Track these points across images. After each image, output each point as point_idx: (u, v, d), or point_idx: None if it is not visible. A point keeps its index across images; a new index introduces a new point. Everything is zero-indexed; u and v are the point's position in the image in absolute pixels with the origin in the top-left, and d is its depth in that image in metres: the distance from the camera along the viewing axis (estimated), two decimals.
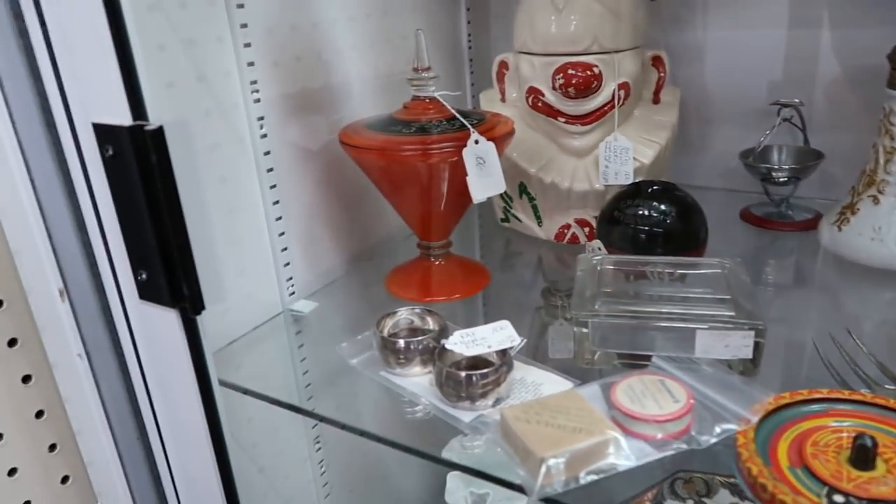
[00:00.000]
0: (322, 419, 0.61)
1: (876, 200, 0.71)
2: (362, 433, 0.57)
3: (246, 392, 0.63)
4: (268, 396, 0.62)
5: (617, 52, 0.76)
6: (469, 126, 0.64)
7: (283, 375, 0.68)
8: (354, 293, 0.81)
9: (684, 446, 0.48)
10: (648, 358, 0.57)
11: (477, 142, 0.63)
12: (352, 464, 0.92)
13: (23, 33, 0.46)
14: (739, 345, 0.55)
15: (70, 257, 0.51)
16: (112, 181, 0.48)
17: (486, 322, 0.71)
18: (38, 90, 0.47)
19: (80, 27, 0.44)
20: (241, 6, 0.64)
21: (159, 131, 0.44)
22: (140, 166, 0.45)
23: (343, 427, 0.58)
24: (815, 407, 0.51)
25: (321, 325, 0.74)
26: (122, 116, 0.45)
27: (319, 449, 0.85)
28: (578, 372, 0.58)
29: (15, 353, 0.55)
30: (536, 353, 0.61)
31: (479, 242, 0.92)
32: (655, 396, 0.50)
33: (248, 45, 0.65)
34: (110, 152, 0.47)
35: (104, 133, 0.46)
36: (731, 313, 0.56)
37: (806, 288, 0.76)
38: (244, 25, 0.64)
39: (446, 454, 0.53)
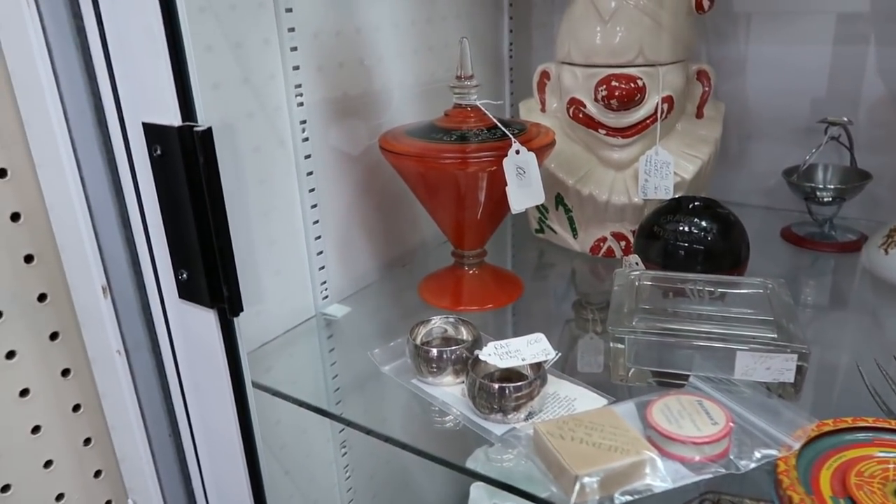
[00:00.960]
0: (348, 423, 0.61)
1: None
2: (387, 439, 0.57)
3: (276, 394, 0.63)
4: (296, 399, 0.62)
5: (662, 65, 0.75)
6: (510, 136, 0.64)
7: (313, 379, 0.68)
8: (387, 299, 0.81)
9: (722, 470, 0.47)
10: (684, 377, 0.56)
11: (518, 152, 0.63)
12: (377, 470, 0.91)
13: (80, 32, 0.46)
14: (781, 368, 0.54)
15: (113, 255, 0.52)
16: (158, 180, 0.48)
17: (515, 332, 0.71)
18: (93, 89, 0.48)
19: (136, 28, 0.45)
20: (289, 10, 0.64)
21: (208, 133, 0.45)
22: (187, 166, 0.46)
23: (368, 432, 0.58)
24: (860, 436, 0.49)
25: (353, 330, 0.74)
26: (171, 117, 0.46)
27: (345, 454, 0.85)
28: (611, 388, 0.57)
29: (56, 346, 0.56)
30: (565, 366, 0.61)
31: (513, 252, 0.91)
32: (693, 417, 0.49)
33: (294, 48, 0.65)
34: (158, 152, 0.47)
35: (153, 132, 0.47)
36: (774, 335, 0.55)
37: (848, 311, 0.74)
38: (291, 29, 0.65)
39: (471, 464, 0.53)
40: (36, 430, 0.56)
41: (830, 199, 0.81)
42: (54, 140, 0.48)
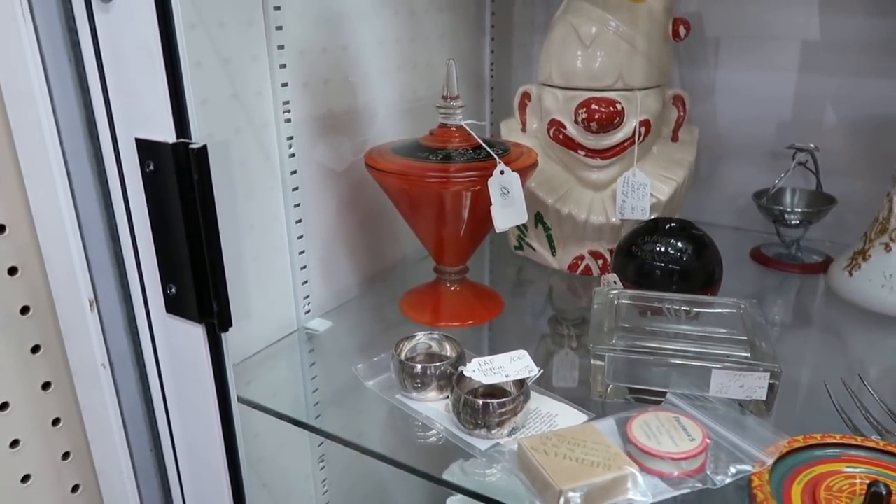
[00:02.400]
0: (326, 435, 0.61)
1: (888, 248, 0.72)
2: (364, 451, 0.58)
3: (257, 407, 0.63)
4: (277, 412, 0.63)
5: (639, 89, 0.77)
6: (495, 156, 0.65)
7: (293, 393, 0.69)
8: (369, 314, 0.81)
9: (700, 485, 0.49)
10: (661, 394, 0.57)
11: (503, 172, 0.64)
12: (354, 484, 0.92)
13: (75, 46, 0.46)
14: (754, 386, 0.56)
15: (101, 268, 0.52)
16: (150, 195, 0.48)
17: (494, 348, 0.72)
18: (85, 102, 0.48)
19: (132, 44, 0.45)
20: (279, 28, 0.65)
21: (203, 150, 0.45)
22: (180, 183, 0.46)
23: (345, 443, 0.59)
24: (828, 451, 0.52)
25: (335, 345, 0.75)
26: (166, 133, 0.46)
27: (324, 467, 0.85)
28: (589, 403, 0.59)
29: (38, 359, 0.55)
30: (541, 380, 0.62)
31: (492, 268, 0.93)
32: (671, 433, 0.51)
33: (283, 66, 0.66)
34: (151, 167, 0.47)
35: (146, 148, 0.47)
36: (747, 354, 0.57)
37: (815, 331, 0.77)
38: (281, 47, 0.65)
39: (447, 477, 0.54)
40: (14, 444, 0.55)
41: (798, 221, 0.84)
42: (45, 152, 0.48)
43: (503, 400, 0.54)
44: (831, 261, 0.81)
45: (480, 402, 0.54)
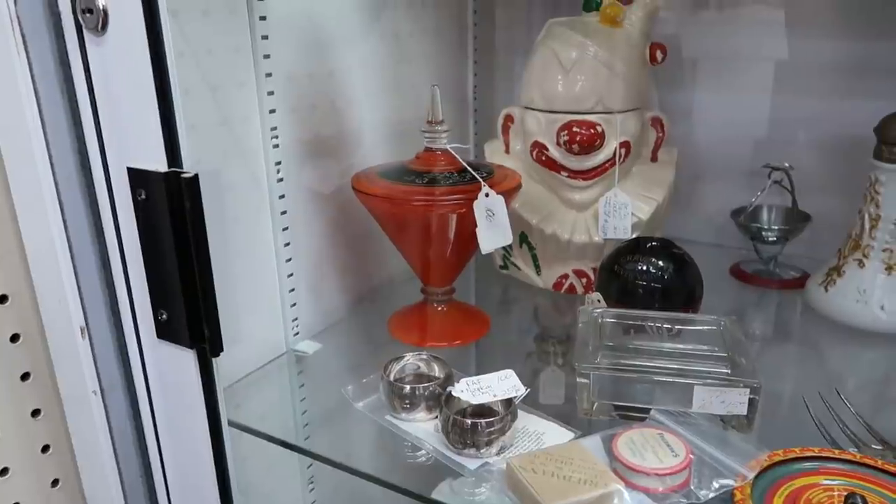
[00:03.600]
0: (315, 457, 0.62)
1: (861, 264, 0.74)
2: (353, 471, 0.58)
3: (247, 430, 0.64)
4: (267, 434, 0.63)
5: (619, 112, 0.79)
6: (480, 179, 0.67)
7: (283, 415, 0.69)
8: (357, 335, 0.82)
9: (684, 500, 0.50)
10: (645, 411, 0.59)
11: (487, 195, 0.66)
12: None
13: (68, 80, 0.47)
14: (735, 401, 0.57)
15: (91, 296, 0.53)
16: (141, 224, 0.49)
17: (479, 365, 0.73)
18: (77, 134, 0.49)
19: (124, 77, 0.46)
20: (267, 56, 0.66)
21: (195, 179, 0.46)
22: (172, 211, 0.47)
23: (334, 465, 0.60)
24: (807, 465, 0.53)
25: (323, 367, 0.75)
26: (157, 163, 0.47)
27: (313, 489, 0.85)
28: (575, 420, 0.60)
29: (27, 386, 0.56)
30: (527, 398, 0.63)
31: (478, 288, 0.94)
32: (655, 450, 0.52)
33: (271, 93, 0.67)
34: (143, 196, 0.48)
35: (138, 177, 0.48)
36: (728, 371, 0.58)
37: (793, 345, 0.79)
38: (269, 74, 0.67)
39: (436, 496, 0.55)
40: (3, 472, 0.55)
41: (775, 239, 0.86)
42: (38, 183, 0.48)
43: (491, 419, 0.55)
44: (808, 276, 0.84)
45: (469, 421, 0.55)
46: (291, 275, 0.74)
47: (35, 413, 0.57)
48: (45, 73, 0.47)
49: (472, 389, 0.58)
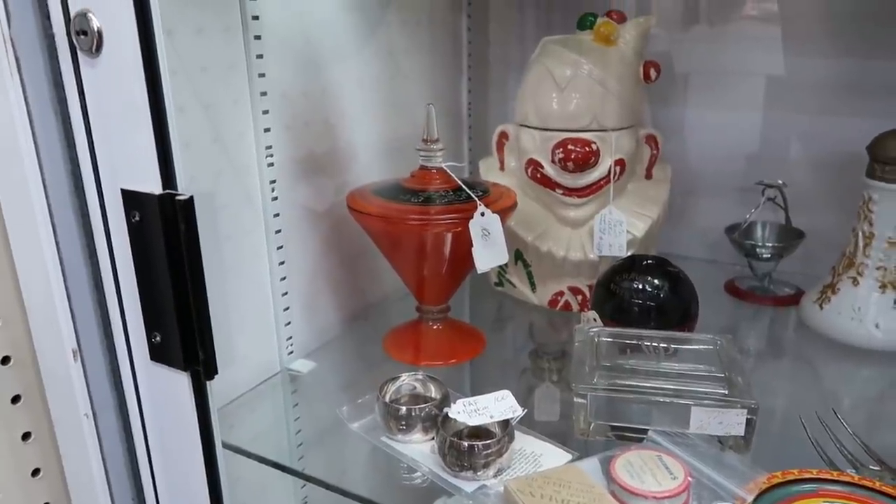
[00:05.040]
0: (309, 479, 0.61)
1: (855, 282, 0.74)
2: (347, 494, 0.58)
3: (240, 452, 0.63)
4: (259, 456, 0.63)
5: (613, 129, 0.80)
6: (476, 198, 0.67)
7: (276, 436, 0.69)
8: (352, 353, 0.82)
9: None
10: (643, 431, 0.58)
11: (483, 214, 0.66)
12: None
13: (62, 102, 0.47)
14: (733, 422, 0.57)
15: (84, 318, 0.52)
16: (135, 246, 0.49)
17: (474, 383, 0.73)
18: (71, 156, 0.48)
19: (118, 98, 0.46)
20: (262, 75, 0.66)
21: (190, 201, 0.46)
22: (166, 233, 0.47)
23: (328, 487, 0.59)
24: (805, 487, 0.53)
25: (318, 386, 0.75)
26: (152, 184, 0.46)
27: None
28: (571, 440, 0.60)
29: (18, 409, 0.55)
30: (524, 417, 0.63)
31: (473, 304, 0.93)
32: (654, 472, 0.52)
33: (266, 111, 0.67)
34: (137, 218, 0.48)
35: (132, 199, 0.48)
36: (725, 391, 0.58)
37: (789, 363, 0.79)
38: (264, 93, 0.67)
39: None
40: None
41: (769, 255, 0.86)
42: (30, 206, 0.48)
43: (488, 442, 0.55)
44: (803, 293, 0.84)
45: (466, 444, 0.55)
46: (286, 293, 0.73)
47: (26, 436, 0.56)
48: (38, 94, 0.47)
49: (469, 411, 0.57)
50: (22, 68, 0.45)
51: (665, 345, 0.65)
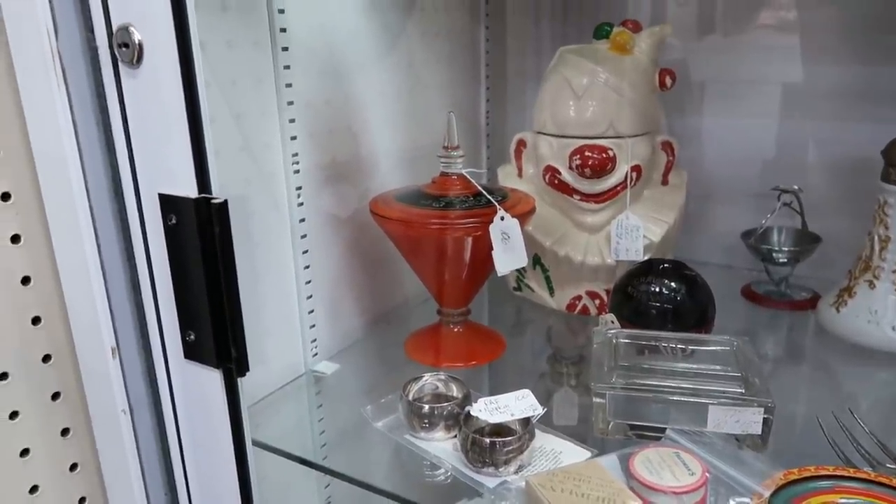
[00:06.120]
0: (334, 474, 0.63)
1: (872, 285, 0.75)
2: (371, 489, 0.59)
3: (267, 449, 0.65)
4: (288, 453, 0.65)
5: (630, 136, 0.81)
6: (496, 203, 0.68)
7: (302, 434, 0.70)
8: (374, 355, 0.84)
9: None
10: (661, 430, 0.59)
11: (503, 218, 0.67)
12: None
13: (103, 111, 0.50)
14: (749, 420, 0.58)
15: (122, 318, 0.54)
16: (171, 247, 0.51)
17: (493, 385, 0.74)
18: (111, 162, 0.51)
19: (157, 107, 0.48)
20: (289, 85, 0.69)
21: (224, 205, 0.48)
22: (202, 236, 0.49)
23: (354, 482, 0.61)
24: (822, 483, 0.54)
25: (341, 387, 0.76)
26: (188, 189, 0.49)
27: None
28: (589, 440, 0.61)
29: (58, 406, 0.57)
30: (542, 418, 0.64)
31: (492, 309, 0.95)
32: (672, 468, 0.53)
33: (292, 120, 0.70)
34: (173, 221, 0.50)
35: (169, 203, 0.50)
36: (742, 390, 0.59)
37: (806, 365, 0.80)
38: (290, 103, 0.69)
39: None
40: (34, 489, 0.57)
41: (785, 260, 0.87)
42: (74, 209, 0.50)
43: (510, 438, 0.56)
44: (819, 297, 0.84)
45: (488, 440, 0.56)
46: (311, 296, 0.75)
47: (64, 432, 0.58)
48: (82, 103, 0.49)
49: (491, 409, 0.59)
50: (68, 79, 0.48)
51: (682, 346, 0.66)
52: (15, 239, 0.53)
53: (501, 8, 1.06)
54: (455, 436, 0.60)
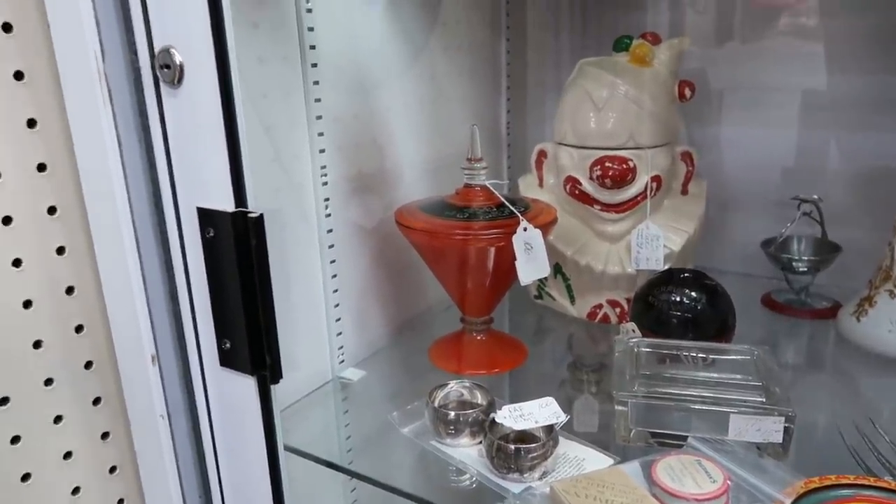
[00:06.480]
0: (362, 478, 0.65)
1: (892, 294, 0.75)
2: (399, 492, 0.61)
3: (297, 453, 0.67)
4: (316, 456, 0.67)
5: (649, 147, 0.82)
6: (518, 214, 0.70)
7: (329, 439, 0.72)
8: (399, 362, 0.85)
9: None
10: (682, 438, 0.61)
11: (526, 229, 0.69)
12: None
13: (145, 129, 0.52)
14: (770, 429, 0.59)
15: (161, 325, 0.56)
16: (209, 259, 0.53)
17: (514, 393, 0.76)
18: (152, 177, 0.53)
19: (196, 125, 0.50)
20: (318, 100, 0.71)
21: (260, 219, 0.50)
22: (238, 248, 0.51)
23: (380, 486, 0.62)
24: (843, 492, 0.54)
25: (367, 393, 0.78)
26: (225, 203, 0.51)
27: None
28: (611, 447, 0.62)
29: (99, 410, 0.60)
30: (565, 424, 0.65)
31: (513, 317, 0.96)
32: (693, 476, 0.54)
33: (321, 134, 0.72)
34: (211, 234, 0.52)
35: (207, 216, 0.52)
36: (763, 399, 0.60)
37: (827, 375, 0.80)
38: (319, 117, 0.71)
39: None
40: (76, 491, 0.59)
41: (805, 269, 0.88)
42: (117, 222, 0.53)
43: (534, 445, 0.58)
44: (840, 306, 0.85)
45: (513, 447, 0.57)
46: (338, 305, 0.77)
47: (105, 435, 0.60)
48: (125, 122, 0.52)
49: (515, 416, 0.60)
50: (113, 99, 0.50)
51: (703, 355, 0.67)
52: (60, 250, 0.55)
53: (522, 22, 1.08)
54: (480, 442, 0.62)
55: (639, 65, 0.84)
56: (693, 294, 0.73)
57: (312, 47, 0.70)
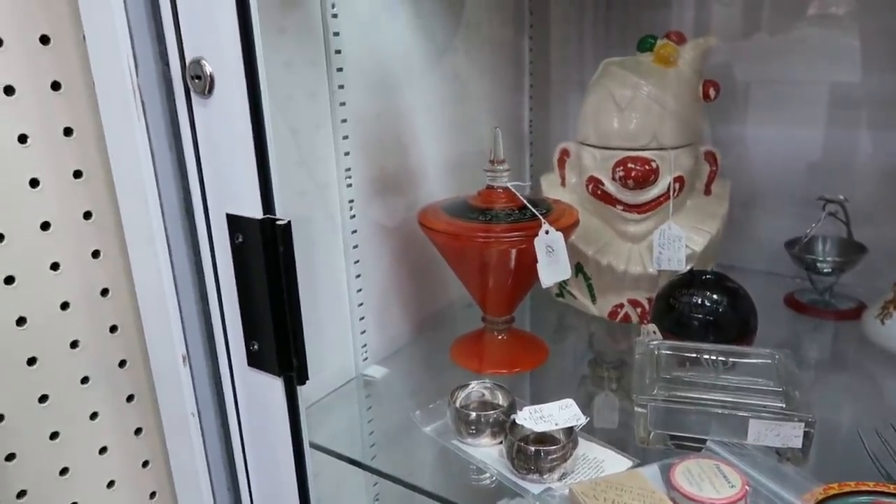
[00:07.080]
0: (383, 475, 0.67)
1: None
2: (414, 488, 0.62)
3: (322, 450, 0.69)
4: (339, 454, 0.68)
5: (673, 148, 0.82)
6: (541, 217, 0.70)
7: (351, 436, 0.74)
8: (420, 360, 0.87)
9: None
10: (701, 441, 0.61)
11: (547, 232, 0.69)
12: None
13: (176, 137, 0.53)
14: (790, 434, 0.59)
15: (191, 327, 0.58)
16: (237, 264, 0.55)
17: (536, 391, 0.76)
18: (183, 185, 0.55)
19: (225, 134, 0.52)
20: (343, 104, 0.72)
21: (288, 225, 0.52)
22: (266, 254, 0.52)
23: (402, 483, 0.64)
24: (862, 499, 0.55)
25: (390, 391, 0.80)
26: (254, 210, 0.52)
27: None
28: (630, 447, 0.63)
29: (132, 407, 0.62)
30: (585, 424, 0.66)
31: (534, 315, 0.97)
32: (712, 480, 0.55)
33: (346, 136, 0.73)
34: (240, 239, 0.54)
35: (236, 222, 0.53)
36: (783, 405, 0.60)
37: (850, 377, 0.80)
38: (344, 121, 0.72)
39: None
40: (111, 484, 0.61)
41: (830, 270, 0.87)
42: (150, 227, 0.54)
43: (554, 447, 0.59)
44: (864, 307, 0.84)
45: (533, 448, 0.59)
46: (361, 304, 0.79)
47: (137, 431, 0.63)
48: (157, 131, 0.53)
49: (535, 418, 0.61)
50: (146, 109, 0.52)
51: (723, 358, 0.67)
52: (95, 254, 0.57)
53: (545, 20, 1.08)
54: (500, 442, 0.63)
55: (663, 65, 0.84)
56: (715, 296, 0.73)
57: (338, 51, 0.71)
